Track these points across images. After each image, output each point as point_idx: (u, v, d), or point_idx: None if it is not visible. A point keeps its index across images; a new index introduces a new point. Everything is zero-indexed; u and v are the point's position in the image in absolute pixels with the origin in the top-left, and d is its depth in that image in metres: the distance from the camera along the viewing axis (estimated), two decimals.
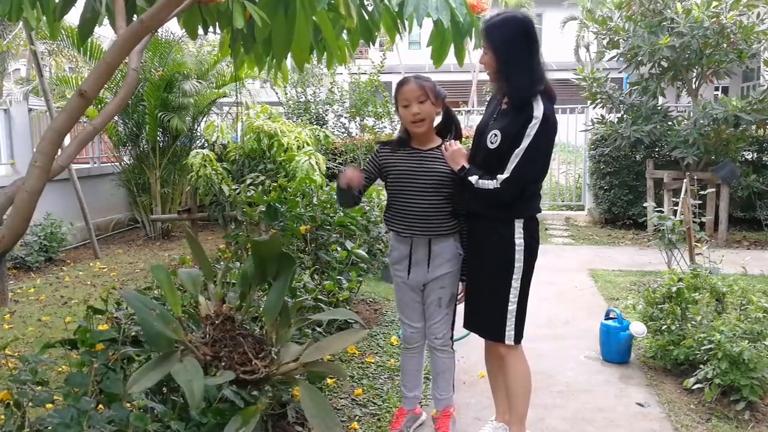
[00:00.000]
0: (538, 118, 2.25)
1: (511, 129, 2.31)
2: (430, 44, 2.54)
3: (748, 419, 2.85)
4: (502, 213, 2.40)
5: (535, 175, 2.39)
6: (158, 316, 1.97)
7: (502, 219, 2.40)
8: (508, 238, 2.38)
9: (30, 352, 3.17)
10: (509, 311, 2.41)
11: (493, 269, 2.44)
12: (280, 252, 2.24)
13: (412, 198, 2.55)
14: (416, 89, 2.51)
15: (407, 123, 2.57)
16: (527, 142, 2.26)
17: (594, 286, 5.43)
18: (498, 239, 2.41)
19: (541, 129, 2.25)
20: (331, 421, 1.92)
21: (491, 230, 2.44)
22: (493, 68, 2.34)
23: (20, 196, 1.74)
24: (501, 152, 2.33)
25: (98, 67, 1.79)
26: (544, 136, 2.27)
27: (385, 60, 9.56)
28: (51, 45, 10.28)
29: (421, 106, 2.52)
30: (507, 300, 2.40)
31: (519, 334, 2.45)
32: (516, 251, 2.38)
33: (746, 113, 6.81)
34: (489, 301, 2.46)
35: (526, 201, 2.39)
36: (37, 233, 6.51)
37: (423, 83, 2.53)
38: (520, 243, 2.38)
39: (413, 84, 2.53)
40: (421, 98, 2.51)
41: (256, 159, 6.36)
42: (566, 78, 10.06)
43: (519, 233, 2.38)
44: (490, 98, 2.65)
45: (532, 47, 2.31)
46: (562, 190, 10.22)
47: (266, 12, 2.12)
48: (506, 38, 2.30)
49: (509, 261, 2.38)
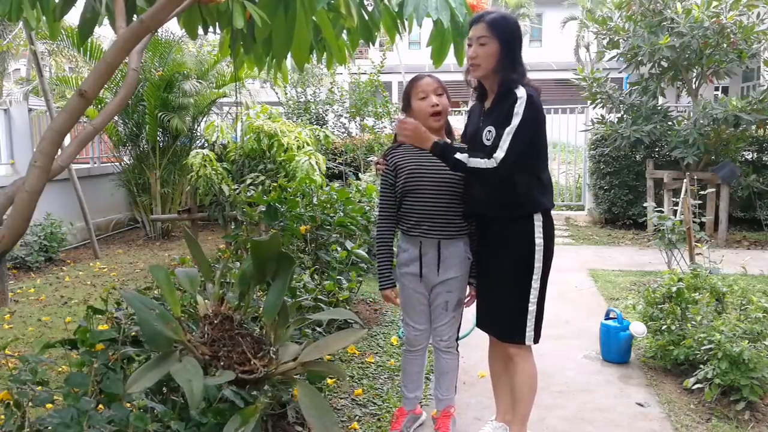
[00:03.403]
0: (522, 97, 2.28)
1: (500, 117, 2.33)
2: (430, 44, 2.54)
3: (748, 419, 2.85)
4: (519, 208, 2.38)
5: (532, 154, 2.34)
6: (157, 316, 1.97)
7: (519, 216, 2.39)
8: (528, 239, 2.37)
9: (30, 352, 3.17)
10: (530, 312, 2.41)
11: (513, 271, 2.42)
12: (279, 252, 2.24)
13: (422, 197, 2.54)
14: (433, 82, 2.56)
15: (425, 116, 2.55)
16: (517, 120, 2.27)
17: (594, 286, 5.43)
18: (517, 240, 2.40)
19: (528, 107, 2.27)
20: (328, 420, 1.92)
21: (508, 231, 2.42)
22: (496, 57, 2.35)
23: (20, 196, 1.74)
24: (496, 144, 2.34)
25: (98, 67, 1.79)
26: (532, 115, 2.28)
27: (385, 60, 9.57)
28: (51, 45, 10.29)
29: (440, 98, 2.55)
30: (527, 300, 2.40)
31: (538, 334, 2.46)
32: (536, 251, 2.37)
33: (746, 113, 6.81)
34: (509, 302, 2.45)
35: (541, 191, 2.38)
36: (37, 233, 6.51)
37: (439, 79, 2.59)
38: (540, 243, 2.37)
39: (430, 78, 2.57)
40: (438, 91, 2.55)
41: (256, 159, 6.36)
42: (566, 78, 10.06)
43: (539, 232, 2.37)
44: (470, 108, 2.66)
45: (521, 45, 2.42)
46: (562, 190, 10.22)
47: (266, 12, 2.12)
48: (511, 30, 2.37)
49: (529, 262, 2.38)
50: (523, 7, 23.51)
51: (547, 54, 23.18)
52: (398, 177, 2.60)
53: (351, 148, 8.68)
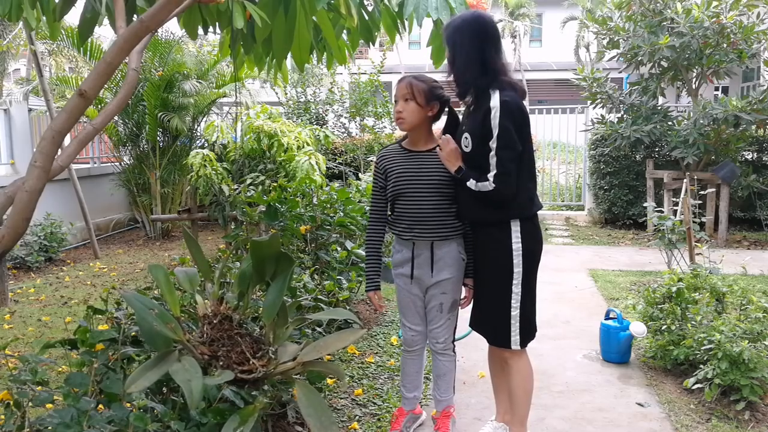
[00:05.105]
0: (495, 107, 2.26)
1: (475, 126, 2.33)
2: (430, 44, 2.55)
3: (748, 419, 2.85)
4: (495, 214, 2.38)
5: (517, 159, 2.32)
6: (156, 316, 1.97)
7: (497, 222, 2.39)
8: (505, 243, 2.37)
9: (30, 352, 3.16)
10: (513, 317, 2.40)
11: (493, 275, 2.43)
12: (279, 252, 2.24)
13: (412, 199, 2.54)
14: (404, 87, 2.52)
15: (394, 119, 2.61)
16: (495, 133, 2.27)
17: (594, 286, 5.43)
18: (495, 245, 2.40)
19: (503, 115, 2.25)
20: (327, 420, 1.92)
21: (488, 236, 2.43)
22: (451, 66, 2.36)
23: (20, 195, 1.74)
24: (475, 153, 2.34)
25: (98, 67, 1.79)
26: (509, 121, 2.26)
27: (385, 60, 9.57)
28: (51, 45, 10.29)
29: (404, 104, 2.51)
30: (509, 306, 2.39)
31: (525, 339, 2.45)
32: (514, 256, 2.36)
33: (746, 113, 6.81)
34: (492, 307, 2.46)
35: (520, 199, 2.37)
36: (37, 233, 6.51)
37: (414, 83, 2.51)
38: (518, 248, 2.36)
39: (404, 82, 2.53)
40: (406, 96, 2.51)
41: (256, 159, 6.37)
42: (566, 78, 10.06)
43: (516, 237, 2.36)
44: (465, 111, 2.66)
45: (490, 44, 2.32)
46: (562, 190, 10.22)
47: (266, 12, 2.12)
48: (463, 34, 2.31)
49: (508, 267, 2.37)
50: (523, 7, 23.51)
51: (547, 54, 23.21)
52: (388, 180, 2.60)
53: (351, 148, 8.68)
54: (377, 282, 2.69)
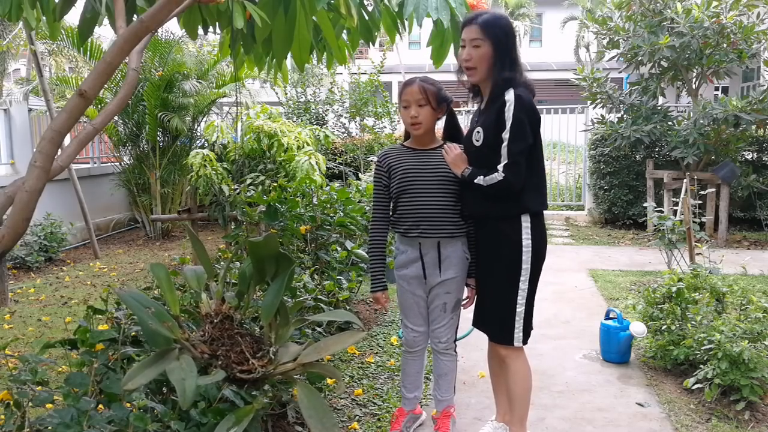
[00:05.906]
0: (510, 100, 2.28)
1: (490, 121, 2.34)
2: (430, 44, 2.55)
3: (748, 419, 2.85)
4: (506, 209, 2.39)
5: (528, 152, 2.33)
6: (153, 315, 1.97)
7: (508, 217, 2.39)
8: (515, 239, 2.37)
9: (30, 352, 3.16)
10: (517, 313, 2.41)
11: (501, 271, 2.43)
12: (278, 252, 2.24)
13: (417, 196, 2.54)
14: (417, 92, 2.51)
15: (406, 124, 2.60)
16: (509, 124, 2.28)
17: (594, 286, 5.43)
18: (505, 240, 2.40)
19: (517, 108, 2.27)
20: (327, 421, 1.92)
21: (498, 232, 2.43)
22: (489, 59, 2.35)
23: (20, 195, 1.74)
24: (487, 146, 2.35)
25: (98, 67, 1.79)
26: (522, 114, 2.28)
27: (385, 60, 9.58)
28: (51, 45, 10.29)
29: (419, 109, 2.52)
30: (515, 302, 2.40)
31: (527, 336, 2.46)
32: (523, 252, 2.37)
33: (746, 113, 6.82)
34: (498, 303, 2.46)
35: (529, 193, 2.38)
36: (37, 233, 6.51)
37: (426, 87, 2.52)
38: (528, 244, 2.37)
39: (415, 86, 2.52)
40: (420, 102, 2.51)
41: (256, 159, 6.36)
42: (566, 78, 10.06)
43: (526, 233, 2.37)
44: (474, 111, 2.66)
45: (515, 43, 2.41)
46: (562, 190, 10.22)
47: (266, 12, 2.12)
48: (504, 31, 2.35)
49: (517, 263, 2.38)
50: (523, 7, 23.52)
51: (547, 54, 23.19)
52: (392, 178, 2.60)
53: (351, 148, 8.68)
54: (384, 282, 2.68)
